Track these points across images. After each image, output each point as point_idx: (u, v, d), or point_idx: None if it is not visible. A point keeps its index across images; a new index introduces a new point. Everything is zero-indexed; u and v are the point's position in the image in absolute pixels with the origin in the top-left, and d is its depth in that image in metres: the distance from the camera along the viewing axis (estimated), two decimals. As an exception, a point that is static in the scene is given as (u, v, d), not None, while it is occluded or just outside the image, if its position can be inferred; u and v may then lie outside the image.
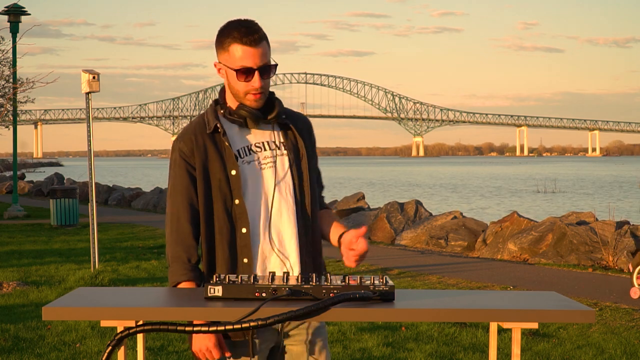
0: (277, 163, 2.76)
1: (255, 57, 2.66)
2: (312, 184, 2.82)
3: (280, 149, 2.78)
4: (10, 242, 14.56)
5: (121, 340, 2.31)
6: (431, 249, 13.98)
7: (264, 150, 2.77)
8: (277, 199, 2.74)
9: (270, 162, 2.76)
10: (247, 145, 2.77)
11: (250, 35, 2.66)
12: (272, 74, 2.72)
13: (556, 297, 2.58)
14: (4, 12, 19.63)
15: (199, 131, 2.77)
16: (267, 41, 2.71)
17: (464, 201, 35.87)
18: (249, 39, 2.65)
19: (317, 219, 2.84)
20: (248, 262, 2.70)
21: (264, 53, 2.67)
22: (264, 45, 2.68)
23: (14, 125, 20.89)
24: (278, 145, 2.78)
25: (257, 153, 2.76)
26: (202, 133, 2.76)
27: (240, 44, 2.66)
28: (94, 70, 10.71)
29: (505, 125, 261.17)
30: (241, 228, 2.70)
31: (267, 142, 2.78)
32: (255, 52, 2.66)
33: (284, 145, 2.79)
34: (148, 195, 26.57)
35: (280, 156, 2.77)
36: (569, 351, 6.41)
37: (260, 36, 2.67)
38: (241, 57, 2.66)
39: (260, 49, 2.66)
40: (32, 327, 7.07)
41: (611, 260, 11.15)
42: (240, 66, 2.67)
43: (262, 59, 2.67)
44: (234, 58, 2.68)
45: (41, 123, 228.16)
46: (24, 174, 50.36)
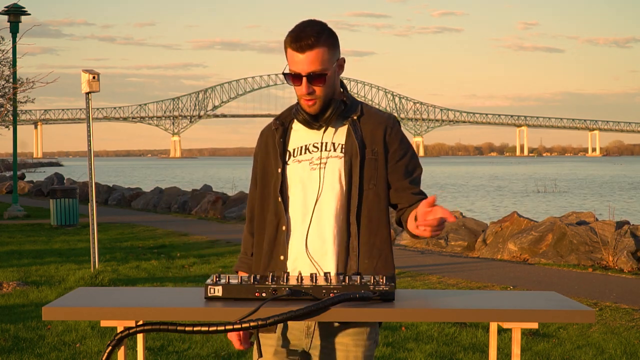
0: (327, 164, 2.73)
1: (303, 64, 2.63)
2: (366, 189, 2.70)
3: (337, 151, 2.73)
4: (10, 242, 14.56)
5: (121, 340, 2.31)
6: (431, 249, 13.98)
7: (320, 151, 2.74)
8: (318, 202, 2.71)
9: (322, 163, 2.73)
10: (305, 145, 2.76)
11: (299, 40, 2.62)
12: (324, 81, 2.66)
13: (556, 297, 2.58)
14: (4, 12, 19.63)
15: (268, 127, 2.85)
16: (329, 46, 2.65)
17: (464, 201, 35.87)
18: (298, 45, 2.62)
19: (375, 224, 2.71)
20: (283, 260, 2.72)
21: (314, 60, 2.62)
22: (316, 51, 2.62)
23: (14, 125, 20.89)
24: (336, 147, 2.74)
25: (313, 153, 2.75)
26: (269, 129, 2.84)
27: (290, 49, 2.65)
28: (94, 70, 10.71)
29: (505, 125, 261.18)
30: (282, 225, 2.73)
31: (326, 142, 2.75)
32: (302, 58, 2.62)
33: (342, 147, 2.73)
34: (148, 195, 26.57)
35: (333, 158, 2.73)
36: (569, 351, 6.41)
37: (311, 43, 2.61)
38: (292, 62, 2.66)
39: (308, 55, 2.62)
40: (32, 327, 7.07)
41: (611, 260, 11.15)
42: (291, 71, 2.67)
43: (310, 65, 2.62)
44: (289, 61, 2.68)
45: (41, 123, 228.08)
46: (24, 174, 50.34)
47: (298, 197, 2.73)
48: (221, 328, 2.24)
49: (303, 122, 2.74)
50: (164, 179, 61.58)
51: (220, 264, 11.39)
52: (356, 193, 2.70)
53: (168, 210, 23.93)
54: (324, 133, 2.75)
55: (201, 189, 25.47)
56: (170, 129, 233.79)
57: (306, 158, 2.75)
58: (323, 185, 2.72)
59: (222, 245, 14.12)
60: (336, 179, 2.71)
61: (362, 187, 2.70)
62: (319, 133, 2.76)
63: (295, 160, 2.75)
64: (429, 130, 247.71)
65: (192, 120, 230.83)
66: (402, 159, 2.76)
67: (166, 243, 14.45)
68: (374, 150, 2.72)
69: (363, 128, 2.74)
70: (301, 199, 2.73)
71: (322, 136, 2.75)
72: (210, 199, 22.06)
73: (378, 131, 2.74)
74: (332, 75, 2.69)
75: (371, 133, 2.73)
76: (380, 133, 2.74)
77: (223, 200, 21.85)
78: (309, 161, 2.74)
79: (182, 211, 23.10)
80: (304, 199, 2.72)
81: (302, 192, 2.73)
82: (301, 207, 2.72)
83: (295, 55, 2.64)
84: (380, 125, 2.75)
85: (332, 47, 2.67)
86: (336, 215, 2.70)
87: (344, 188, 2.71)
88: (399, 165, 2.75)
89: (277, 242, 2.73)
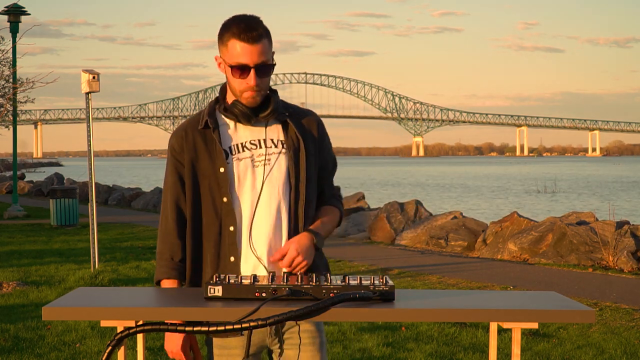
0: (272, 161, 2.70)
1: (253, 55, 2.59)
2: (310, 184, 2.75)
3: (278, 147, 2.72)
4: (10, 242, 14.55)
5: (121, 340, 2.31)
6: (431, 249, 13.98)
7: (259, 148, 2.71)
8: (265, 198, 2.68)
9: (264, 159, 2.70)
10: (241, 142, 2.72)
11: (249, 32, 2.59)
12: (270, 73, 2.66)
13: (556, 297, 2.58)
14: (4, 12, 19.63)
15: (192, 127, 2.74)
16: (269, 39, 2.64)
17: (464, 201, 35.86)
18: (247, 36, 2.59)
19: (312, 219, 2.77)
20: (235, 261, 2.68)
21: (262, 51, 2.60)
22: (263, 43, 2.61)
23: (14, 125, 20.89)
24: (276, 143, 2.73)
25: (252, 150, 2.71)
26: (194, 129, 2.73)
27: (238, 40, 2.60)
28: (94, 70, 10.71)
29: (505, 125, 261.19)
30: (229, 226, 2.67)
31: (264, 139, 2.72)
32: (252, 49, 2.59)
33: (283, 143, 2.73)
34: (148, 195, 26.56)
35: (277, 154, 2.71)
36: (569, 351, 6.41)
37: (260, 34, 2.60)
38: (238, 54, 2.60)
39: (258, 46, 2.59)
40: (32, 327, 7.07)
41: (611, 260, 11.14)
42: (237, 63, 2.62)
43: (259, 57, 2.60)
44: (232, 54, 2.62)
45: (41, 123, 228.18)
46: (24, 174, 50.32)
47: (245, 195, 2.69)
48: (221, 328, 2.24)
49: (241, 115, 2.68)
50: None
51: (220, 264, 11.38)
52: (304, 188, 2.72)
53: (168, 210, 23.91)
54: (260, 130, 2.73)
55: (201, 189, 25.45)
56: (170, 129, 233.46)
57: (246, 156, 2.71)
58: (268, 182, 2.70)
59: (222, 245, 14.10)
60: (283, 175, 2.71)
61: (306, 181, 2.73)
62: (252, 130, 2.73)
63: (236, 159, 2.70)
64: (429, 130, 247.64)
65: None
66: (328, 153, 2.85)
67: (166, 243, 14.43)
68: (310, 146, 2.76)
69: (298, 124, 2.75)
70: (249, 198, 2.69)
71: (259, 133, 2.73)
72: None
73: (312, 127, 2.79)
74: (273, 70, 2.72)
75: (306, 128, 2.77)
76: (314, 128, 2.79)
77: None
78: (249, 158, 2.71)
79: (182, 211, 23.08)
80: (250, 197, 2.69)
81: (247, 191, 2.69)
82: (248, 206, 2.68)
83: (243, 47, 2.60)
84: (313, 121, 2.81)
85: (271, 40, 2.68)
86: (287, 209, 2.70)
87: (291, 184, 2.71)
88: (326, 161, 2.84)
89: (223, 244, 2.68)
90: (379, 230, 15.74)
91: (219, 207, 2.68)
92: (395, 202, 16.82)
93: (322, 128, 2.84)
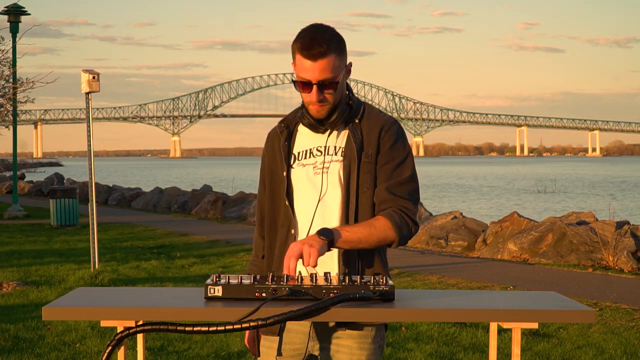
0: (329, 169, 2.72)
1: (315, 71, 2.60)
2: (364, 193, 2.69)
3: (338, 154, 2.72)
4: (10, 242, 14.55)
5: (121, 340, 2.31)
6: (431, 249, 13.98)
7: (323, 155, 2.73)
8: (320, 206, 2.70)
9: (324, 167, 2.72)
10: (309, 148, 2.76)
11: (312, 48, 2.58)
12: (335, 87, 2.65)
13: (556, 297, 2.58)
14: (4, 12, 19.63)
15: (274, 130, 2.83)
16: (337, 52, 2.62)
17: (464, 201, 35.87)
18: (310, 53, 2.58)
19: None
20: None
21: (325, 68, 2.60)
22: (328, 59, 2.59)
23: (14, 125, 20.89)
24: (336, 151, 2.73)
25: (317, 157, 2.74)
26: (275, 132, 2.83)
27: (301, 56, 2.61)
28: (94, 70, 10.71)
29: (505, 125, 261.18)
30: (290, 229, 2.73)
31: (329, 146, 2.74)
32: (314, 66, 2.59)
33: (342, 150, 2.73)
34: (148, 195, 26.57)
35: (334, 162, 2.72)
36: (569, 351, 6.41)
37: (323, 50, 2.58)
38: (302, 69, 2.62)
39: (320, 63, 2.59)
40: (32, 327, 7.07)
41: (611, 260, 11.14)
42: (300, 78, 2.64)
43: (322, 73, 2.60)
44: (298, 68, 2.65)
45: (41, 123, 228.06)
46: (24, 174, 50.33)
47: (303, 201, 2.73)
48: (221, 328, 2.24)
49: (308, 126, 2.73)
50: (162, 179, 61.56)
51: (220, 264, 11.39)
52: (354, 197, 2.70)
53: (168, 210, 23.93)
54: (328, 137, 2.74)
55: (201, 189, 25.47)
56: (170, 129, 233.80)
57: (310, 162, 2.74)
58: (326, 189, 2.71)
59: (222, 245, 14.11)
60: (337, 183, 2.71)
61: (358, 191, 2.70)
62: (323, 137, 2.75)
63: (300, 164, 2.75)
64: (429, 130, 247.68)
65: (192, 120, 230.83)
66: (387, 163, 2.70)
67: (166, 243, 14.45)
68: (369, 153, 2.70)
69: (362, 131, 2.73)
70: (306, 203, 2.72)
71: (326, 140, 2.74)
72: (210, 199, 22.06)
73: (374, 133, 2.72)
74: (342, 81, 2.68)
75: (368, 136, 2.72)
76: (375, 135, 2.72)
77: (223, 201, 21.85)
78: (312, 165, 2.74)
79: (182, 211, 23.10)
80: (310, 203, 2.72)
81: (306, 196, 2.73)
82: (307, 211, 2.72)
83: (305, 62, 2.60)
84: (376, 127, 2.72)
85: (341, 53, 2.64)
86: (339, 218, 2.69)
87: (342, 192, 2.71)
88: (384, 169, 2.70)
89: (287, 246, 2.71)
90: (379, 230, 15.72)
91: (283, 209, 2.75)
92: (395, 202, 16.80)
93: (387, 134, 2.72)
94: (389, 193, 2.68)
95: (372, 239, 2.61)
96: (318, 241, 2.52)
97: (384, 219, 2.63)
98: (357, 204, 2.70)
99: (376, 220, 2.63)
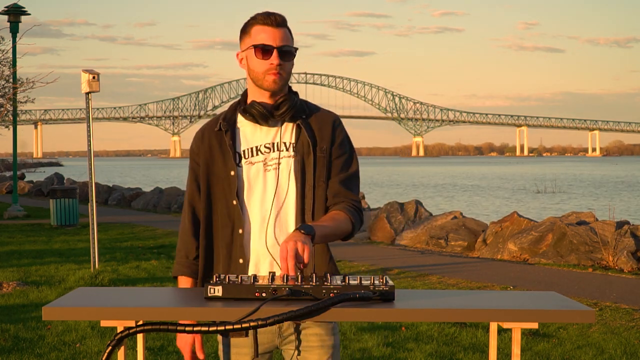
0: (282, 165, 2.71)
1: (276, 38, 2.67)
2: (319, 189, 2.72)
3: (289, 150, 2.72)
4: (10, 242, 14.56)
5: (121, 340, 2.31)
6: (431, 249, 13.98)
7: (272, 152, 2.72)
8: (276, 203, 2.70)
9: (275, 164, 2.71)
10: (255, 146, 2.73)
11: (272, 16, 2.69)
12: (292, 58, 2.71)
13: (556, 297, 2.58)
14: (4, 12, 19.63)
15: (209, 129, 2.78)
16: (291, 32, 2.73)
17: (464, 201, 35.86)
18: (270, 20, 2.69)
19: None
20: (243, 263, 2.71)
21: (285, 36, 2.69)
22: (285, 30, 2.70)
23: (14, 125, 20.89)
24: (287, 147, 2.72)
25: (265, 154, 2.72)
26: (211, 130, 2.77)
27: (262, 25, 2.69)
28: (94, 70, 10.71)
29: (505, 125, 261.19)
30: (238, 229, 2.70)
31: (277, 142, 2.73)
32: (275, 32, 2.68)
33: (293, 146, 2.72)
34: (148, 195, 26.56)
35: (286, 158, 2.71)
36: (569, 351, 6.41)
37: (283, 20, 2.71)
38: (262, 37, 2.67)
39: (281, 30, 2.69)
40: (32, 327, 7.07)
41: (611, 260, 11.14)
42: (260, 43, 2.67)
43: (282, 40, 2.68)
44: (255, 38, 2.69)
45: (41, 123, 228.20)
46: (24, 174, 50.32)
47: (255, 199, 2.71)
48: (221, 328, 2.24)
49: (258, 115, 2.69)
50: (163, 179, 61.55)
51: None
52: (310, 192, 2.71)
53: (168, 210, 23.93)
54: (275, 133, 2.73)
55: (201, 189, 25.46)
56: (170, 129, 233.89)
57: (259, 159, 2.72)
58: (279, 185, 2.71)
59: (222, 245, 14.10)
60: (291, 179, 2.71)
61: (314, 186, 2.71)
62: (268, 133, 2.73)
63: (248, 162, 2.73)
64: (429, 130, 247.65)
65: (192, 120, 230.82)
66: (339, 157, 2.76)
67: (166, 243, 14.45)
68: (323, 148, 2.73)
69: (310, 126, 2.74)
70: (258, 201, 2.70)
71: (273, 136, 2.73)
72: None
73: (326, 128, 2.75)
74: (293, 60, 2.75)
75: (319, 131, 2.74)
76: (328, 130, 2.75)
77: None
78: (262, 162, 2.72)
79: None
80: (262, 201, 2.70)
81: (259, 194, 2.71)
82: (259, 210, 2.70)
83: (267, 30, 2.67)
84: (328, 123, 2.76)
85: (292, 35, 2.74)
86: (294, 213, 2.70)
87: (297, 188, 2.71)
88: (336, 163, 2.76)
89: (234, 246, 2.71)
90: (379, 230, 15.74)
91: (230, 210, 2.71)
92: (395, 202, 16.82)
93: (338, 130, 2.78)
94: (341, 187, 2.75)
95: (338, 232, 2.70)
96: (305, 237, 2.53)
97: (344, 213, 2.71)
98: (313, 198, 2.71)
99: (338, 215, 2.71)
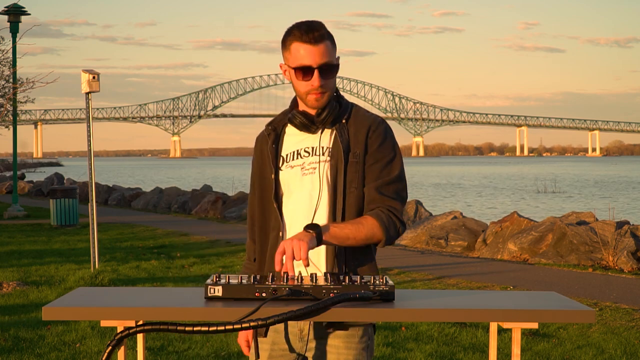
0: (317, 169, 2.71)
1: (316, 56, 2.61)
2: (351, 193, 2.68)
3: (325, 155, 2.72)
4: (10, 242, 14.55)
5: (121, 340, 2.31)
6: (431, 249, 13.98)
7: (311, 156, 2.72)
8: (310, 207, 2.69)
9: (312, 168, 2.71)
10: (297, 150, 2.74)
11: (311, 33, 2.61)
12: (334, 73, 2.67)
13: (556, 297, 2.58)
14: (4, 12, 19.63)
15: (262, 134, 2.83)
16: (332, 41, 2.66)
17: (464, 201, 35.87)
18: (309, 37, 2.61)
19: None
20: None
21: (324, 52, 2.62)
22: (325, 44, 2.63)
23: (14, 125, 20.89)
24: (324, 151, 2.72)
25: (304, 158, 2.73)
26: (262, 135, 2.82)
27: (301, 42, 2.62)
28: (94, 70, 10.71)
29: (505, 125, 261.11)
30: (278, 231, 2.73)
31: (316, 147, 2.73)
32: (314, 50, 2.61)
33: (330, 151, 2.71)
34: (148, 195, 26.56)
35: (323, 162, 2.71)
36: (569, 351, 6.41)
37: (322, 34, 2.62)
38: (301, 56, 2.62)
39: (320, 47, 2.62)
40: (32, 327, 7.07)
41: (611, 260, 11.14)
42: (300, 65, 2.63)
43: (322, 57, 2.62)
44: (295, 57, 2.64)
45: (41, 123, 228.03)
46: (24, 174, 50.34)
47: (292, 203, 2.72)
48: (221, 328, 2.24)
49: (300, 125, 2.71)
50: (162, 179, 61.54)
51: (220, 264, 11.39)
52: (341, 197, 2.69)
53: (168, 210, 23.93)
54: (316, 138, 2.73)
55: (201, 189, 25.48)
56: (170, 129, 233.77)
57: (298, 163, 2.73)
58: (313, 190, 2.71)
59: (222, 245, 14.11)
60: (325, 184, 2.70)
61: (345, 191, 2.69)
62: (310, 138, 2.74)
63: (288, 166, 2.74)
64: (429, 130, 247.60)
65: (192, 120, 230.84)
66: (376, 162, 2.70)
67: (166, 243, 14.45)
68: (356, 153, 2.69)
69: (349, 131, 2.72)
70: (295, 205, 2.72)
71: (314, 140, 2.73)
72: (210, 199, 22.06)
73: (361, 133, 2.71)
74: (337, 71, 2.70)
75: (355, 135, 2.71)
76: (362, 135, 2.71)
77: (223, 201, 21.85)
78: (300, 166, 2.73)
79: (182, 211, 23.10)
80: (298, 205, 2.71)
81: (296, 198, 2.72)
82: (296, 213, 2.71)
83: (305, 48, 2.62)
84: (364, 127, 2.71)
85: (334, 42, 2.68)
86: (326, 218, 2.68)
87: (329, 193, 2.70)
88: (372, 169, 2.70)
89: (273, 248, 2.72)
90: (379, 230, 15.72)
91: (272, 212, 2.75)
92: (395, 202, 16.80)
93: (375, 134, 2.71)
94: (377, 193, 2.68)
95: (359, 236, 2.62)
96: (306, 234, 2.53)
97: (372, 218, 2.64)
98: (344, 203, 2.68)
99: (364, 219, 2.65)
